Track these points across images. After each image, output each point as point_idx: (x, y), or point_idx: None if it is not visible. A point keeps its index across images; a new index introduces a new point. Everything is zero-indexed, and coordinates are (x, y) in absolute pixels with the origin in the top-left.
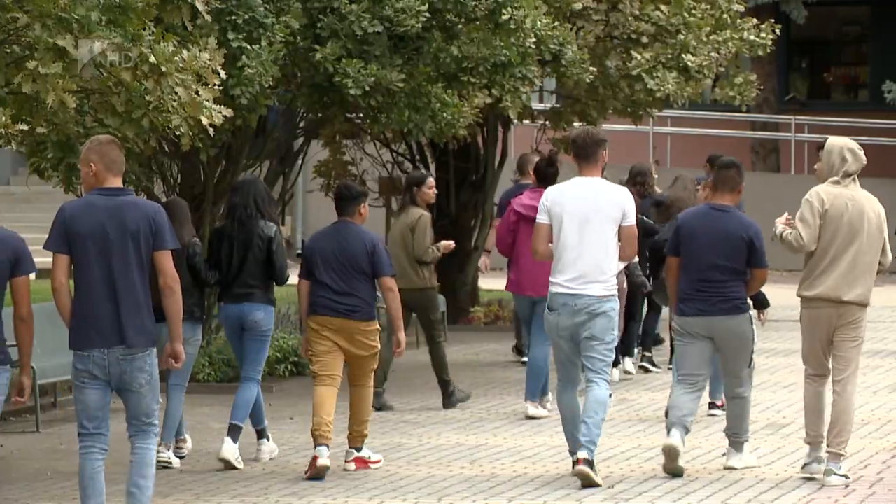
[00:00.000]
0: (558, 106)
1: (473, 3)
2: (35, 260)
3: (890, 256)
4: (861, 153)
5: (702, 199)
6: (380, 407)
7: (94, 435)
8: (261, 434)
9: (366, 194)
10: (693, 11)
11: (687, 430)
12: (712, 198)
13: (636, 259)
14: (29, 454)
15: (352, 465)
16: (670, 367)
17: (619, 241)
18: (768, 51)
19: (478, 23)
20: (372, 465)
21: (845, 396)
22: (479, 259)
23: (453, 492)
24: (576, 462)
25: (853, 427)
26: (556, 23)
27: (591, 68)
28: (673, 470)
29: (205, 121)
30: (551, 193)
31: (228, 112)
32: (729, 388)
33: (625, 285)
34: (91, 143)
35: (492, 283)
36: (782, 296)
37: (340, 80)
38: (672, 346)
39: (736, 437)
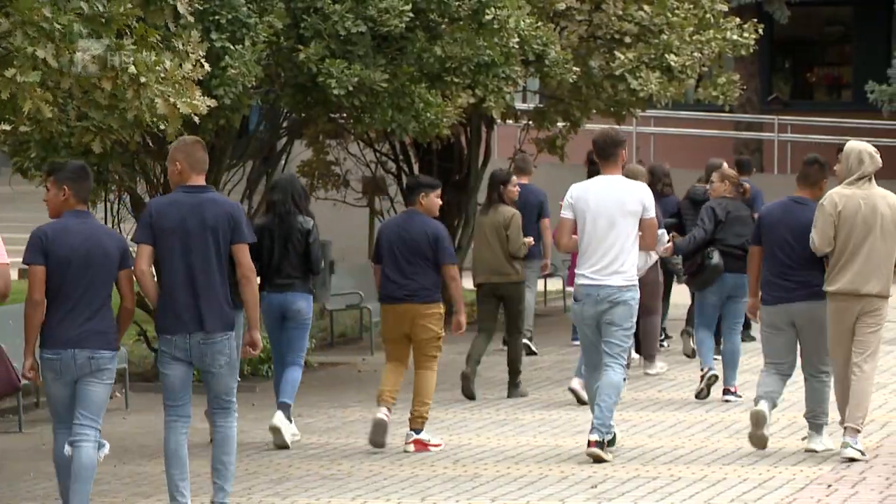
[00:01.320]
0: (541, 106)
1: (457, 3)
2: (13, 260)
3: None
4: (877, 156)
5: (718, 193)
6: (467, 395)
7: (178, 407)
8: (284, 408)
9: (431, 185)
10: (676, 11)
11: (774, 405)
12: (796, 191)
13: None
14: (12, 454)
15: (411, 447)
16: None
17: (641, 231)
18: (751, 51)
19: (461, 23)
20: (432, 448)
21: (863, 377)
22: (462, 259)
23: (436, 492)
24: (588, 444)
25: (869, 406)
26: (540, 23)
27: (575, 68)
28: (757, 438)
29: (187, 110)
30: (575, 190)
31: (212, 102)
32: (808, 371)
33: (660, 278)
34: (178, 143)
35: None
36: None
37: (324, 80)
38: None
39: (815, 419)
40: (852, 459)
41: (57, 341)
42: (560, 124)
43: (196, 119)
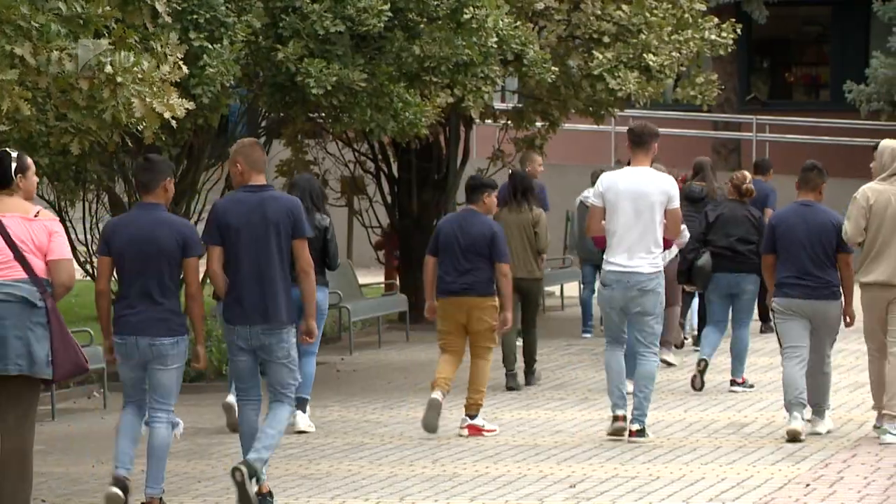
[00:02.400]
0: (520, 105)
1: (435, 2)
2: None
3: None
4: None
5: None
6: (512, 387)
7: (247, 390)
8: (302, 405)
9: (492, 185)
10: (654, 11)
11: (804, 406)
12: (798, 196)
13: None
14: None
15: (465, 432)
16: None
17: (665, 220)
18: (729, 50)
19: (440, 22)
20: (486, 433)
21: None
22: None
23: (415, 491)
24: (616, 422)
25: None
26: (518, 22)
27: (553, 68)
28: (794, 435)
29: (166, 114)
30: (606, 180)
31: (190, 104)
32: (815, 365)
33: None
34: (237, 145)
35: None
36: None
37: (302, 79)
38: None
39: (819, 407)
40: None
41: (122, 327)
42: (539, 124)
43: (173, 121)
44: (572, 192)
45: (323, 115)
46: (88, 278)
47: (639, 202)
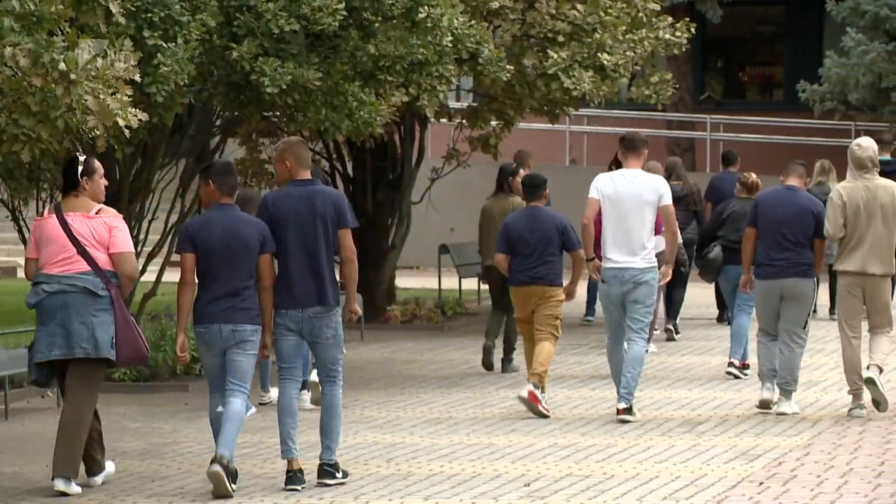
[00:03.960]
0: (475, 105)
1: (390, 1)
2: None
3: None
4: (864, 142)
5: (738, 194)
6: (489, 366)
7: (290, 370)
8: (306, 385)
9: (546, 181)
10: (609, 10)
11: (773, 389)
12: (784, 181)
13: (681, 240)
14: None
15: (524, 393)
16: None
17: (663, 217)
18: (684, 50)
19: (395, 21)
20: (541, 407)
21: (882, 333)
22: (395, 258)
23: (370, 490)
24: (617, 411)
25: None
26: (473, 21)
27: (508, 67)
28: (764, 405)
29: (121, 122)
30: (602, 179)
31: (144, 116)
32: (783, 339)
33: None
34: (284, 144)
35: (408, 281)
36: (698, 294)
37: (257, 78)
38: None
39: (786, 385)
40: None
41: (206, 317)
42: (493, 123)
43: (126, 129)
44: None
45: (278, 113)
46: None
47: (632, 202)
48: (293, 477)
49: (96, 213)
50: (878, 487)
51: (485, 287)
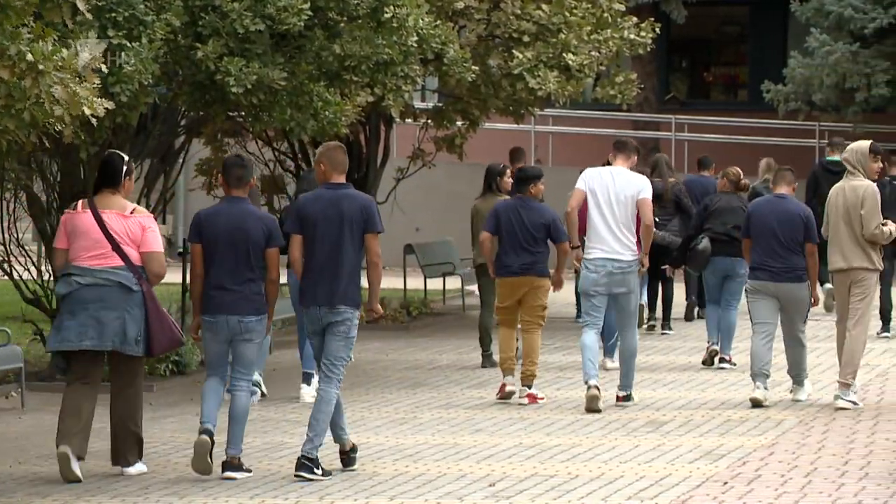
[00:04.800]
0: (440, 105)
1: (356, 1)
2: None
3: (870, 228)
4: (847, 145)
5: (720, 188)
6: (486, 366)
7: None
8: (306, 378)
9: (538, 175)
10: (574, 11)
11: (768, 377)
12: (774, 189)
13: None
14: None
15: (525, 400)
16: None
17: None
18: (648, 50)
19: (360, 21)
20: (539, 400)
21: (853, 339)
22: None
23: (335, 490)
24: (590, 390)
25: (859, 364)
26: (438, 21)
27: (473, 67)
28: (756, 402)
29: (87, 111)
30: (589, 173)
31: (110, 104)
32: (790, 339)
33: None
34: (322, 148)
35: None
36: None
37: (222, 78)
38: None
39: (797, 376)
40: (843, 409)
41: (213, 307)
42: (459, 123)
43: (93, 118)
44: None
45: (243, 113)
46: (6, 277)
47: (616, 196)
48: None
49: (131, 213)
50: (842, 487)
51: (455, 286)
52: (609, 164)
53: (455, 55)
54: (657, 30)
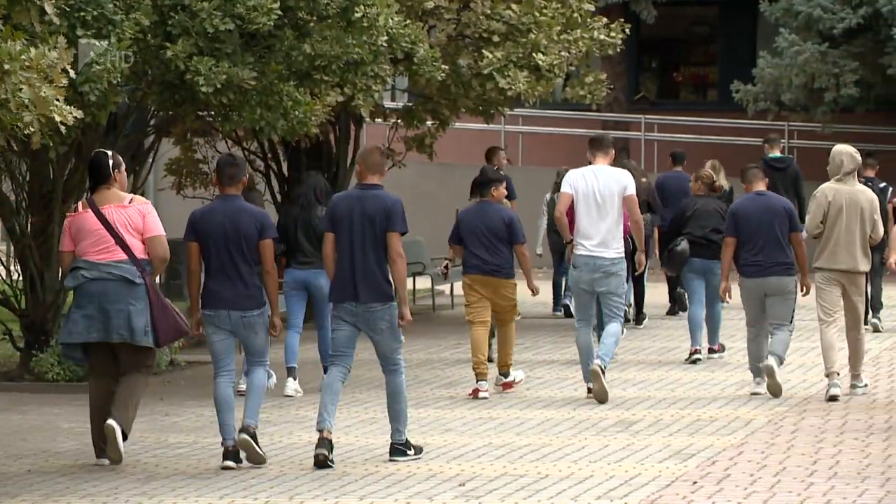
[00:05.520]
0: (410, 104)
1: (325, 1)
2: None
3: (880, 233)
4: (857, 156)
5: (694, 191)
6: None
7: (339, 357)
8: (290, 372)
9: (499, 179)
10: (544, 11)
11: (769, 359)
12: (748, 188)
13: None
14: None
15: (501, 388)
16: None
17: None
18: (618, 50)
19: (330, 21)
20: (516, 385)
21: (859, 338)
22: None
23: (304, 490)
24: (590, 393)
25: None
26: (408, 21)
27: (443, 67)
28: (775, 387)
29: (56, 118)
30: (572, 176)
31: (79, 113)
32: (774, 327)
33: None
34: (363, 149)
35: None
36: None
37: (192, 77)
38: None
39: (778, 357)
40: (835, 398)
41: (214, 302)
42: (429, 123)
43: (61, 125)
44: (461, 190)
45: (212, 113)
46: None
47: (601, 195)
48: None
49: (129, 202)
50: (811, 486)
51: (425, 286)
52: (590, 163)
53: (425, 55)
54: (627, 30)
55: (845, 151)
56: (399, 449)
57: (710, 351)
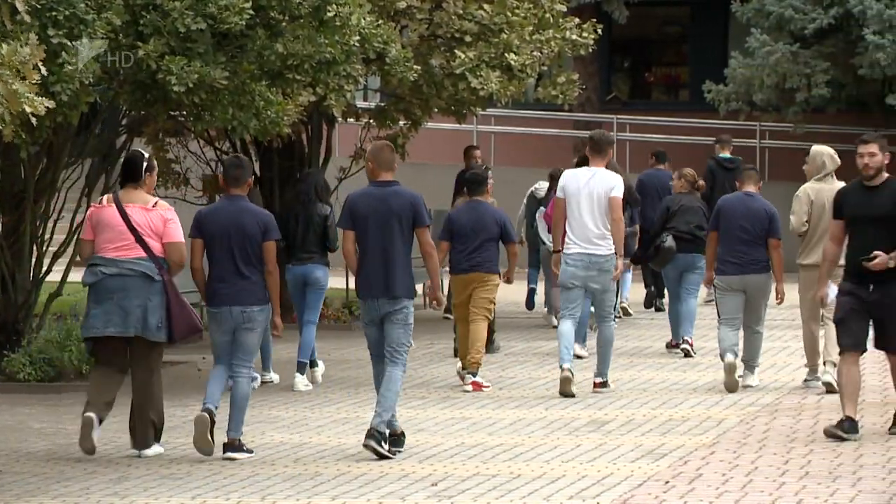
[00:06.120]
0: (383, 104)
1: (297, 0)
2: None
3: None
4: (837, 157)
5: (677, 189)
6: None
7: (380, 357)
8: (312, 364)
9: (488, 179)
10: (516, 11)
11: (736, 354)
12: (740, 187)
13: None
14: None
15: (469, 387)
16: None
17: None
18: (590, 50)
19: (302, 20)
20: (484, 388)
21: (832, 326)
22: None
23: (277, 490)
24: (563, 372)
25: None
26: (381, 21)
27: (416, 67)
28: (731, 384)
29: (28, 109)
30: (566, 177)
31: (51, 103)
32: (749, 327)
33: None
34: (373, 146)
35: None
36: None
37: (163, 77)
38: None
39: (751, 362)
40: (829, 385)
41: (217, 299)
42: (401, 123)
43: (33, 118)
44: (434, 190)
45: (184, 113)
46: None
47: (594, 195)
48: (397, 442)
49: (153, 206)
50: (783, 486)
51: None
52: (584, 161)
53: (397, 55)
54: (599, 30)
55: (826, 153)
56: (374, 435)
57: (683, 342)
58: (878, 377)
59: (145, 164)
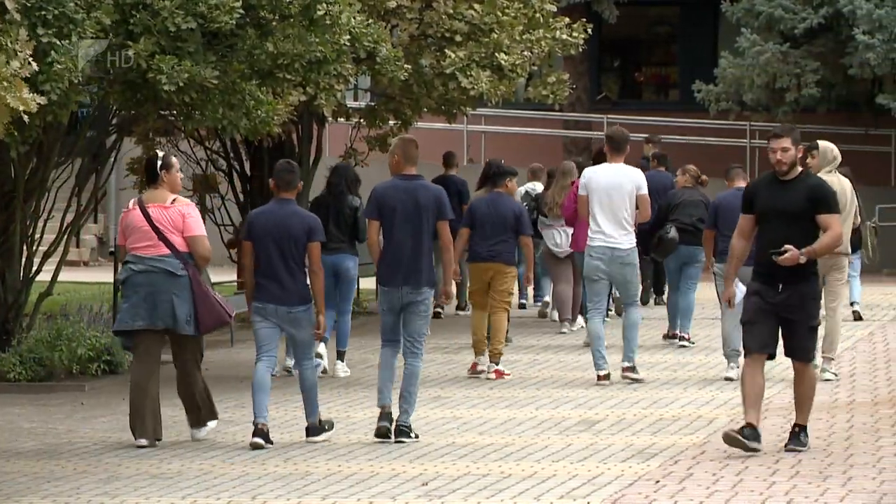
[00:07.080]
0: (373, 104)
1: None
2: None
3: (859, 220)
4: (836, 150)
5: (680, 184)
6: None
7: (391, 343)
8: (340, 356)
9: (513, 172)
10: (506, 11)
11: (739, 356)
12: (730, 185)
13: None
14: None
15: (492, 375)
16: None
17: (637, 205)
18: (580, 50)
19: (292, 19)
20: (506, 376)
21: (834, 318)
22: None
23: (267, 490)
24: (600, 381)
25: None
26: (371, 20)
27: (406, 66)
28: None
29: (20, 106)
30: (588, 174)
31: (42, 100)
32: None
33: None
34: (397, 140)
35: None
36: None
37: (154, 76)
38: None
39: (736, 352)
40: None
41: (263, 296)
42: (391, 122)
43: (24, 116)
44: None
45: (174, 112)
46: None
47: (615, 192)
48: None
49: (171, 203)
50: (773, 486)
51: None
52: (602, 158)
53: (387, 54)
54: (589, 30)
55: (834, 148)
56: (403, 430)
57: (681, 339)
58: (868, 377)
59: (159, 163)
